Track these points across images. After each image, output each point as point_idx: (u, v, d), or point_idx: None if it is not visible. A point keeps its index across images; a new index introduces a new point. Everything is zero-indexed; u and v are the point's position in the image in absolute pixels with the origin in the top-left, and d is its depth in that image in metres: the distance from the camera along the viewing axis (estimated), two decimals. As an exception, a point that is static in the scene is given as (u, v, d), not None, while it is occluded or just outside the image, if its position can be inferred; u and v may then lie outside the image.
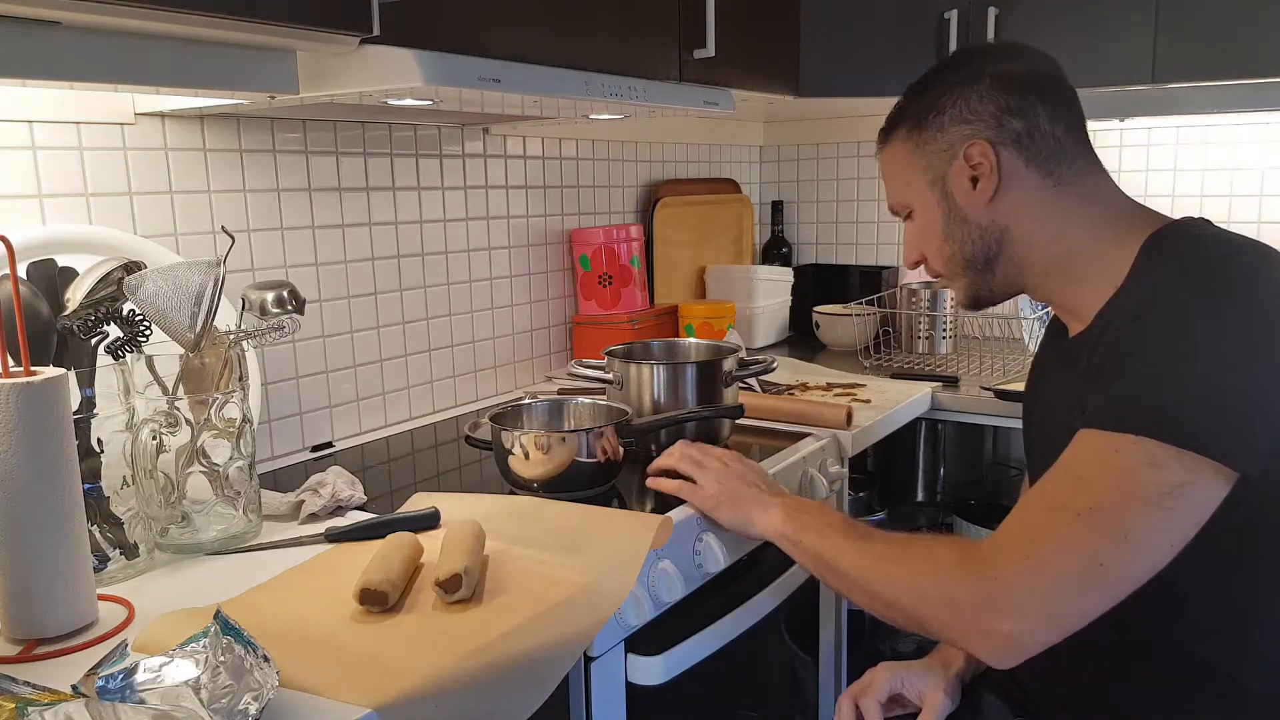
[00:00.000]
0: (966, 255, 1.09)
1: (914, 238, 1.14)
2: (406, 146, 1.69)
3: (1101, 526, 0.88)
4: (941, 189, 1.08)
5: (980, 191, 1.05)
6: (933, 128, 1.07)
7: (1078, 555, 0.89)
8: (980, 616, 0.92)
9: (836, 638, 1.68)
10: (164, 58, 1.02)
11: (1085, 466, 0.91)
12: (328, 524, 1.18)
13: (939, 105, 1.07)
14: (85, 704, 0.69)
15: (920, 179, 1.10)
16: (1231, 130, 2.25)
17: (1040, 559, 0.90)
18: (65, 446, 0.89)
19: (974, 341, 2.35)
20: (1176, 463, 0.86)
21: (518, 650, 0.89)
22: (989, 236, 1.07)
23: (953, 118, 1.06)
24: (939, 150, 1.07)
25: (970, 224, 1.07)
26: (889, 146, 1.14)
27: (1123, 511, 0.87)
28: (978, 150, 1.04)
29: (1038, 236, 1.05)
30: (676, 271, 2.34)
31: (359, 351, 1.65)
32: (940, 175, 1.07)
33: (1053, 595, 0.89)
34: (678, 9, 1.57)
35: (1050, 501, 0.92)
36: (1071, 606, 0.90)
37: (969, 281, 1.11)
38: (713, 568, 1.19)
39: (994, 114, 1.04)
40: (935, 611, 0.96)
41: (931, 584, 0.96)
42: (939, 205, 1.08)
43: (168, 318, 1.07)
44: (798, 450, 1.46)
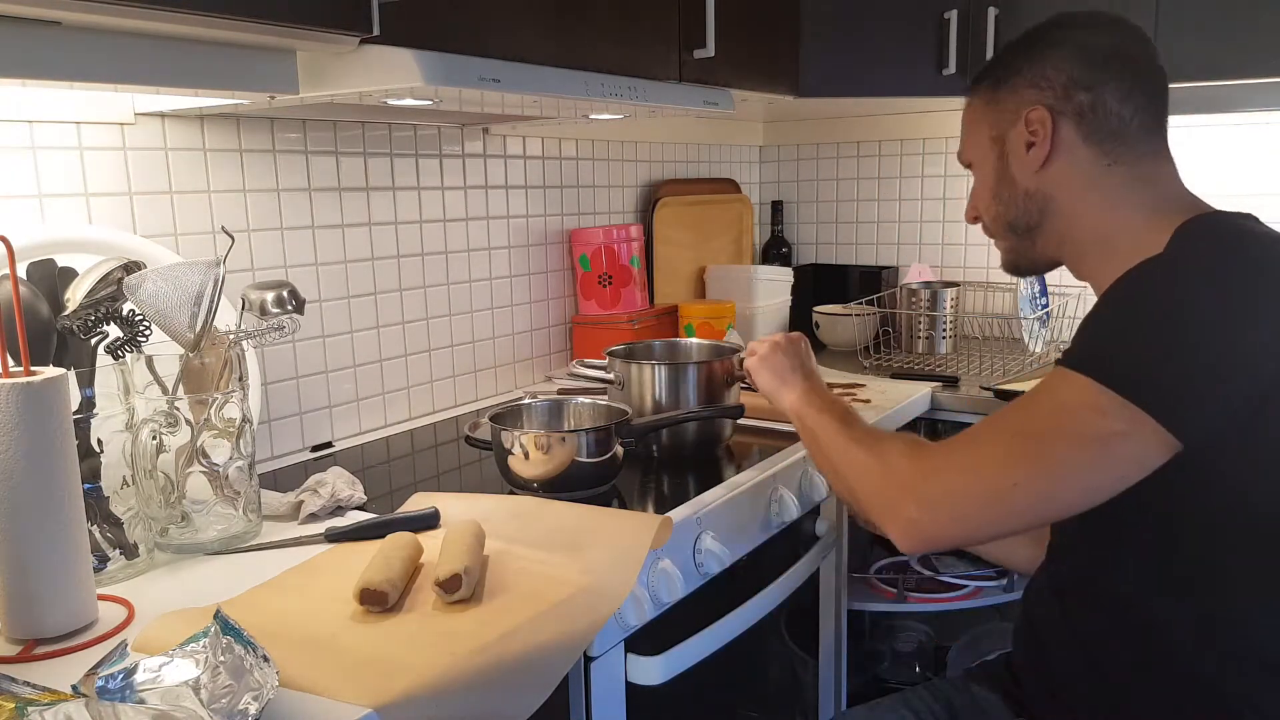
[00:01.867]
0: (1009, 218, 1.12)
1: (974, 194, 1.17)
2: (406, 146, 1.69)
3: (1027, 450, 0.93)
4: (1000, 148, 1.10)
5: (1031, 158, 1.07)
6: (1007, 87, 1.09)
7: (995, 468, 0.95)
8: (897, 498, 1.00)
9: (836, 638, 1.68)
10: (164, 58, 1.02)
11: (1038, 394, 0.96)
12: (328, 524, 1.18)
13: (1018, 66, 1.08)
14: (85, 704, 0.69)
15: (985, 135, 1.12)
16: (1231, 130, 2.25)
17: (963, 462, 0.98)
18: (65, 446, 0.89)
19: (974, 341, 2.35)
20: (1119, 412, 0.88)
21: (518, 650, 0.89)
22: (1032, 204, 1.09)
23: (1026, 80, 1.07)
24: (1007, 110, 1.09)
25: (1016, 188, 1.09)
26: (971, 97, 1.16)
27: (1051, 441, 0.92)
28: (1037, 116, 1.05)
29: (1081, 213, 1.06)
30: (676, 271, 2.34)
31: (359, 351, 1.65)
32: (1002, 134, 1.10)
33: (962, 497, 0.96)
34: (678, 9, 1.57)
35: (995, 421, 0.99)
36: (978, 514, 0.96)
37: (1010, 245, 1.15)
38: (713, 568, 1.19)
39: (1063, 84, 1.04)
40: (866, 487, 1.06)
41: (874, 464, 1.05)
42: (994, 164, 1.11)
43: (168, 318, 1.07)
44: (798, 450, 1.46)
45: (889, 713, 1.22)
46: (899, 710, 1.22)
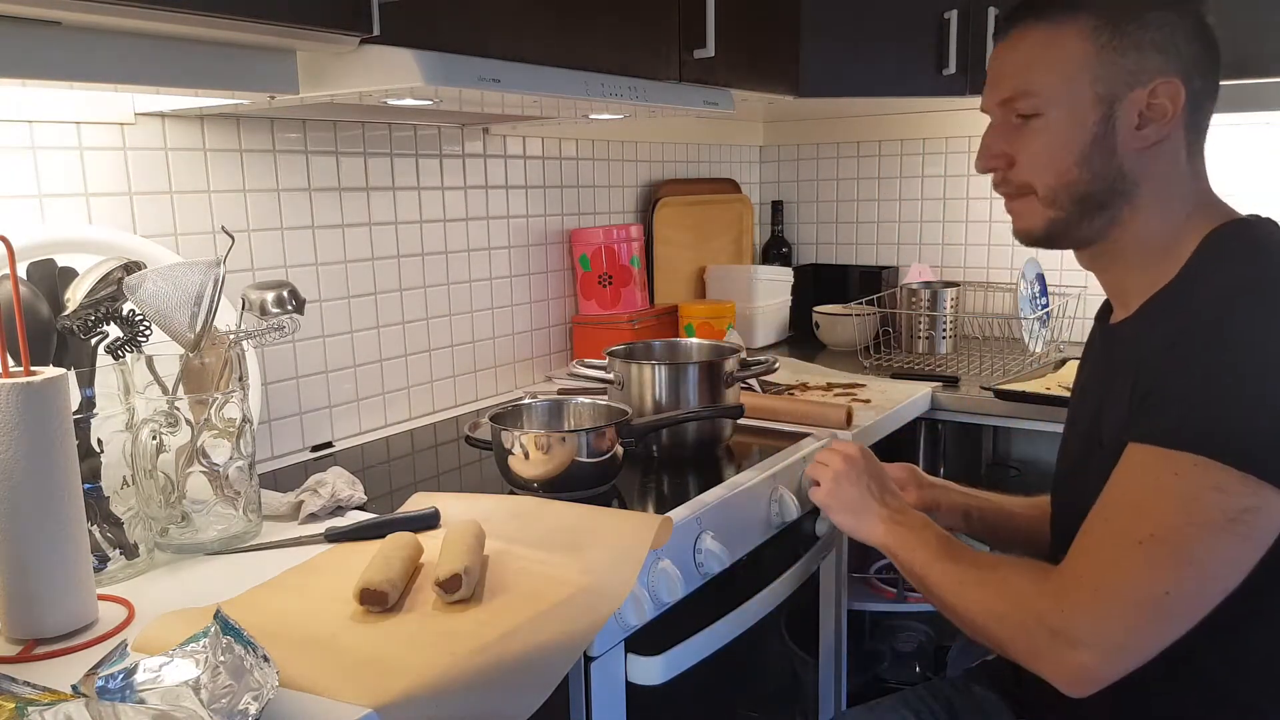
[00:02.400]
0: (1086, 190, 0.96)
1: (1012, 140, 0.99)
2: (406, 146, 1.69)
3: (1165, 555, 0.85)
4: (1108, 110, 0.93)
5: (1143, 135, 0.93)
6: (1129, 37, 0.92)
7: (1143, 585, 0.86)
8: (1054, 647, 0.90)
9: (836, 638, 1.68)
10: (164, 58, 1.02)
11: (1143, 490, 0.87)
12: (328, 524, 1.18)
13: (1144, 19, 0.92)
14: (85, 704, 0.69)
15: (1086, 87, 0.94)
16: (1231, 130, 2.24)
17: (1106, 590, 0.88)
18: (65, 446, 0.89)
19: (974, 341, 2.35)
20: (1240, 486, 0.82)
21: (518, 650, 0.89)
22: (1118, 184, 0.95)
23: (1155, 41, 0.91)
24: (1126, 67, 0.92)
25: (1113, 161, 0.94)
26: (1055, 30, 0.96)
27: (1186, 538, 0.84)
28: (1168, 91, 0.92)
29: (1153, 207, 0.96)
30: (676, 271, 2.34)
31: (359, 351, 1.65)
32: (1114, 95, 0.93)
33: (1122, 626, 0.87)
34: (678, 9, 1.57)
35: (1111, 529, 0.89)
36: (1142, 636, 0.87)
37: (1060, 218, 0.99)
38: (713, 568, 1.19)
39: (1192, 60, 0.92)
40: (1012, 637, 0.95)
41: (1009, 611, 0.95)
42: (1095, 126, 0.94)
43: (168, 318, 1.07)
44: (798, 450, 1.46)
45: (889, 713, 1.22)
46: (899, 710, 1.22)
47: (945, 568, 1.03)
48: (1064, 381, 1.89)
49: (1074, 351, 2.20)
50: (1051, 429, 1.79)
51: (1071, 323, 2.28)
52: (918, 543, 1.08)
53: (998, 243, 2.49)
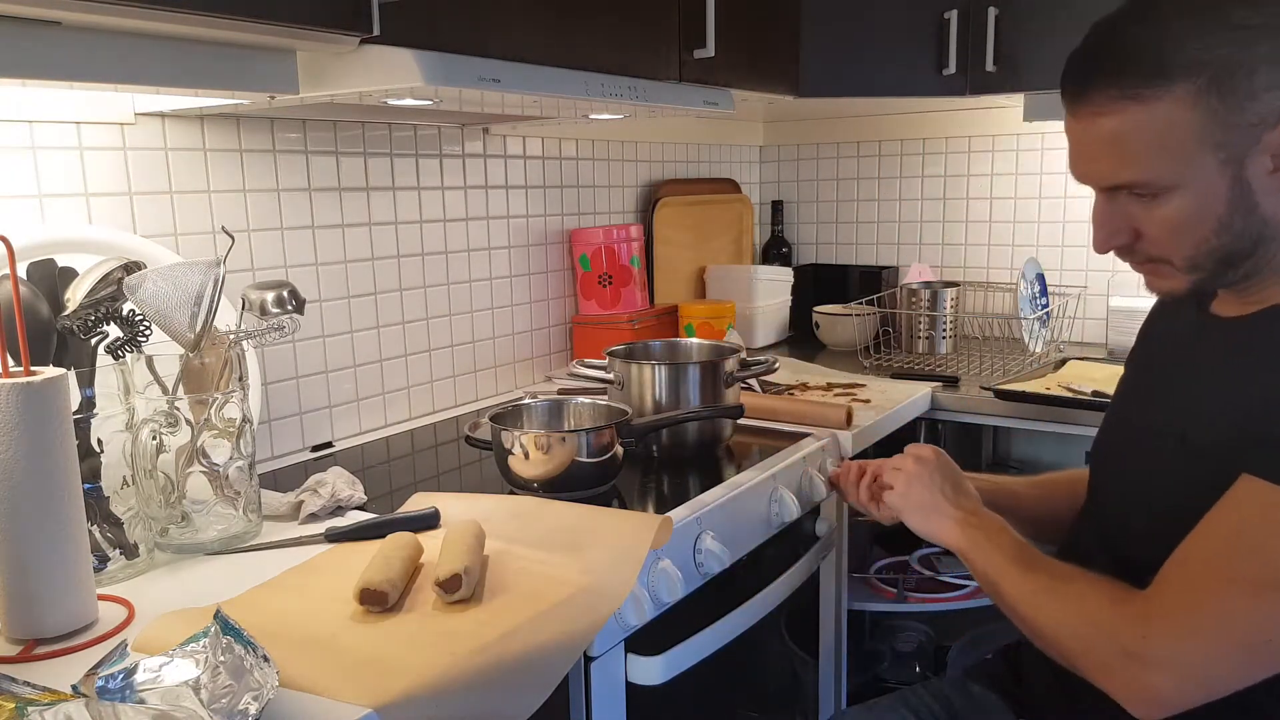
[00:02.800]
0: (1232, 249, 0.89)
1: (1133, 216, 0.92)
2: (406, 146, 1.69)
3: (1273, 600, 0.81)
4: (1237, 171, 0.85)
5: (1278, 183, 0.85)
6: (1240, 94, 0.82)
7: (1243, 628, 0.83)
8: (1129, 668, 0.88)
9: (836, 638, 1.68)
10: (164, 58, 1.02)
11: (1259, 530, 0.83)
12: (328, 524, 1.18)
13: (1250, 62, 0.81)
14: (85, 704, 0.69)
15: (1209, 157, 0.85)
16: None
17: (1206, 629, 0.84)
18: (65, 446, 0.89)
19: (974, 341, 2.35)
20: None
21: (518, 650, 0.89)
22: (1264, 230, 0.88)
23: (1268, 82, 0.81)
24: (1245, 124, 0.83)
25: (1256, 214, 0.86)
26: (1150, 106, 0.85)
27: None
28: None
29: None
30: (676, 271, 2.34)
31: (359, 351, 1.65)
32: (1240, 155, 0.84)
33: (1212, 663, 0.85)
34: (678, 9, 1.57)
35: (1218, 565, 0.85)
36: (1230, 676, 0.85)
37: (1207, 277, 0.93)
38: (713, 568, 1.19)
39: None
40: (1085, 653, 0.92)
41: (1083, 628, 0.93)
42: (1227, 190, 0.86)
43: (168, 318, 1.07)
44: (798, 450, 1.46)
45: (888, 712, 1.22)
46: (898, 710, 1.22)
47: (1019, 575, 1.00)
48: (1064, 381, 1.89)
49: (1074, 351, 2.21)
50: (1052, 429, 1.79)
51: (1071, 323, 2.28)
52: (992, 547, 1.05)
53: (998, 243, 2.49)
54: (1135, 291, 2.15)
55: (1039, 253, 2.39)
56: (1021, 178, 2.44)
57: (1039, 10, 1.99)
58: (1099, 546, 1.06)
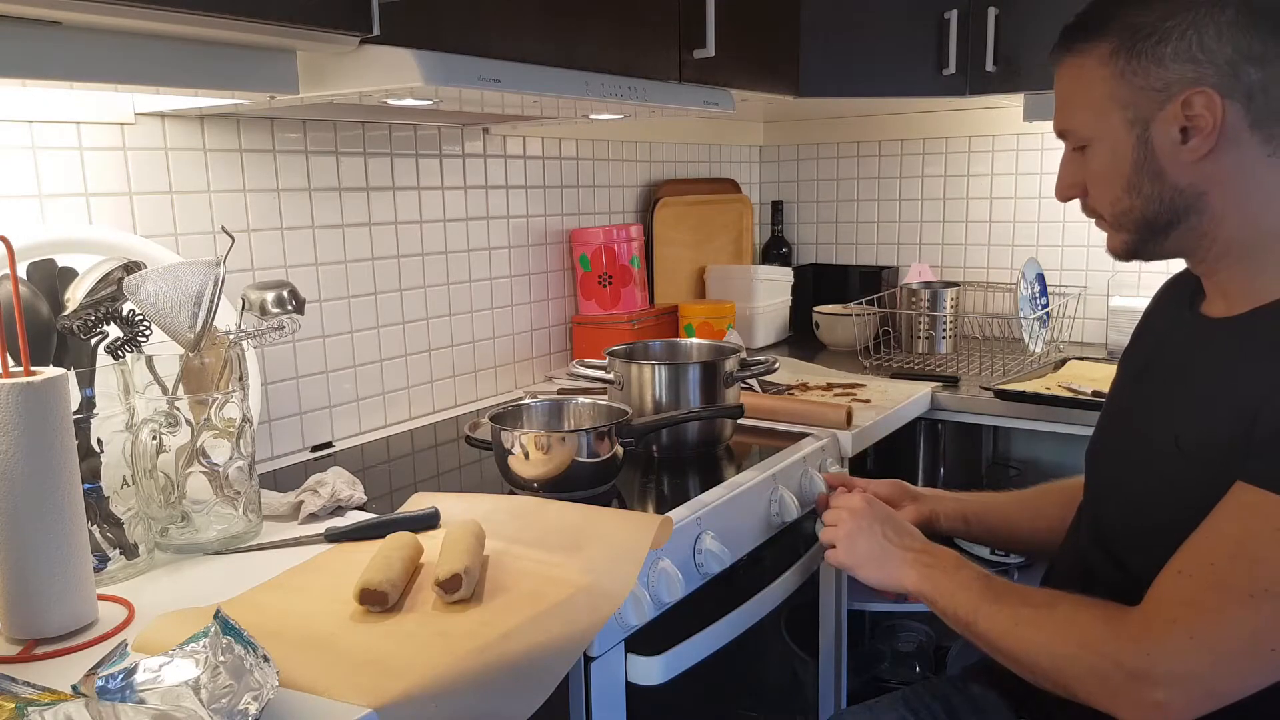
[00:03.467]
0: (1147, 214, 0.93)
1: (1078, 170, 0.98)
2: (406, 146, 1.69)
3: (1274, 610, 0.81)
4: (1142, 133, 0.90)
5: (1190, 149, 0.89)
6: (1148, 56, 0.88)
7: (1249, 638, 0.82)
8: (1132, 687, 0.86)
9: (836, 638, 1.68)
10: (164, 58, 1.02)
11: (1257, 539, 0.82)
12: (328, 524, 1.18)
13: (1162, 30, 0.87)
14: (85, 704, 0.69)
15: (1116, 115, 0.91)
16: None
17: (1206, 639, 0.83)
18: (65, 446, 0.89)
19: (974, 341, 2.35)
20: None
21: (518, 650, 0.89)
22: (1180, 200, 0.91)
23: (1177, 51, 0.87)
24: (1150, 88, 0.89)
25: (1165, 182, 0.91)
26: (1080, 61, 0.94)
27: None
28: (1202, 101, 0.87)
29: (1236, 212, 0.91)
30: (676, 271, 2.34)
31: (359, 351, 1.65)
32: (1144, 117, 0.90)
33: (1216, 674, 0.84)
34: (678, 9, 1.57)
35: (1217, 576, 0.84)
36: (1234, 684, 0.84)
37: (1135, 239, 0.96)
38: (713, 568, 1.19)
39: (1230, 58, 0.86)
40: (1080, 680, 0.90)
41: (1077, 653, 0.90)
42: (1131, 151, 0.91)
43: (168, 318, 1.07)
44: (798, 450, 1.46)
45: (888, 712, 1.22)
46: (898, 709, 1.22)
47: (993, 610, 0.97)
48: (1064, 381, 1.89)
49: (1074, 351, 2.21)
50: (1052, 429, 1.79)
51: (1071, 323, 2.28)
52: (956, 586, 1.03)
53: (998, 243, 2.49)
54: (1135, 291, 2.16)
55: (1039, 253, 2.39)
56: (1021, 178, 2.44)
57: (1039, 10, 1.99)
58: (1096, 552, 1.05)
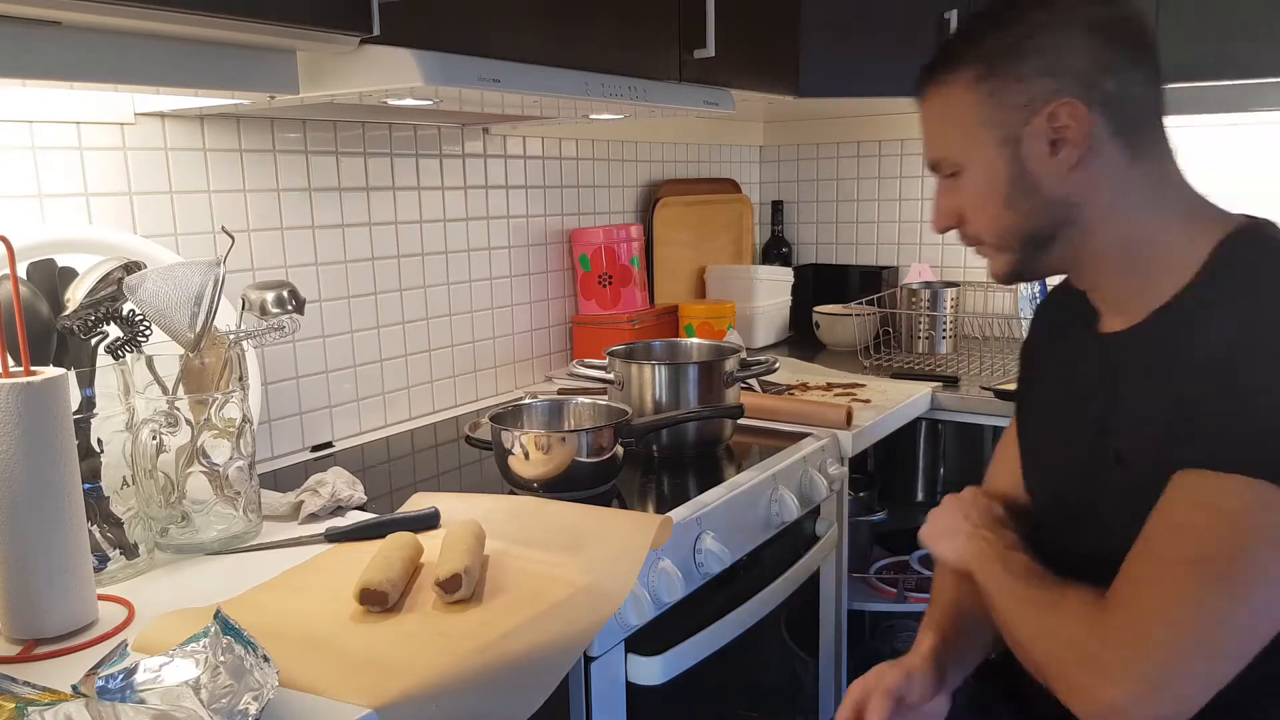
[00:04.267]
0: (1027, 230, 0.95)
1: (954, 198, 0.99)
2: (406, 146, 1.69)
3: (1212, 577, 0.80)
4: (1013, 150, 0.92)
5: (1060, 159, 0.91)
6: (1010, 75, 0.91)
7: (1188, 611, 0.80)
8: (1086, 679, 0.84)
9: (836, 638, 1.68)
10: (164, 58, 1.02)
11: (1189, 512, 0.83)
12: (328, 524, 1.18)
13: (1021, 49, 0.90)
14: (85, 704, 0.69)
15: (985, 135, 0.93)
16: (1231, 130, 2.25)
17: (1146, 617, 0.82)
18: (65, 446, 0.89)
19: (974, 341, 2.35)
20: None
21: (518, 650, 0.89)
22: (1057, 212, 0.93)
23: (1037, 67, 0.90)
24: (1015, 105, 0.91)
25: (1040, 195, 0.93)
26: (946, 90, 0.96)
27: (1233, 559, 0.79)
28: (1067, 111, 0.89)
29: (1110, 219, 0.93)
30: (676, 271, 2.34)
31: (359, 351, 1.65)
32: (1013, 134, 0.92)
33: (1161, 659, 0.80)
34: (678, 9, 1.57)
35: (1154, 552, 0.84)
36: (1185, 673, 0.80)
37: (1018, 258, 0.98)
38: (713, 568, 1.19)
39: (1087, 69, 0.89)
40: (1051, 664, 0.89)
41: (1052, 635, 0.90)
42: (1005, 169, 0.93)
43: (168, 318, 1.07)
44: (798, 450, 1.46)
45: (889, 712, 1.22)
46: (899, 710, 1.22)
47: (1012, 586, 0.96)
48: (1064, 381, 1.89)
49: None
50: (1051, 429, 1.79)
51: (1071, 323, 2.27)
52: (995, 558, 1.00)
53: (998, 243, 2.49)
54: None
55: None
56: (1021, 178, 2.44)
57: (1039, 10, 1.99)
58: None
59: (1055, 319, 1.11)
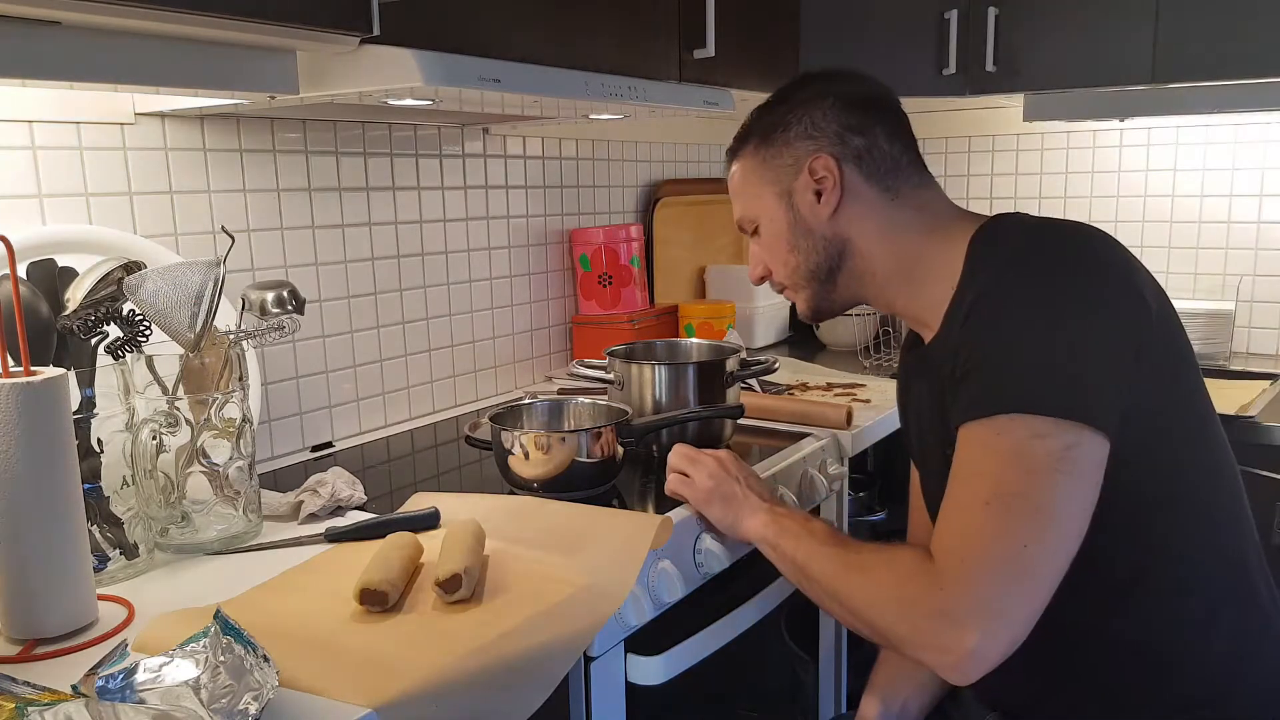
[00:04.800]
0: (810, 267, 1.12)
1: (761, 252, 1.17)
2: (406, 146, 1.69)
3: (1011, 508, 0.89)
4: (788, 202, 1.11)
5: (824, 204, 1.09)
6: (779, 143, 1.11)
7: (1001, 541, 0.88)
8: (937, 631, 0.89)
9: (836, 638, 1.68)
10: (164, 58, 1.02)
11: (975, 459, 0.92)
12: (328, 524, 1.18)
13: (785, 122, 1.11)
14: (85, 704, 0.69)
15: (768, 192, 1.13)
16: (1231, 130, 2.25)
17: (970, 556, 0.89)
18: (65, 446, 0.89)
19: (974, 341, 2.34)
20: (1055, 428, 0.88)
21: (518, 650, 0.89)
22: (831, 248, 1.10)
23: (798, 133, 1.10)
24: (785, 164, 1.11)
25: (814, 235, 1.11)
26: (738, 162, 1.17)
27: (1024, 488, 0.88)
28: (821, 164, 1.08)
29: (877, 247, 1.09)
30: (676, 271, 2.34)
31: (359, 351, 1.65)
32: (787, 189, 1.11)
33: (994, 593, 0.88)
34: (678, 9, 1.57)
35: (959, 500, 0.93)
36: (1014, 600, 0.88)
37: (812, 293, 1.15)
38: (713, 568, 1.19)
39: (836, 131, 1.08)
40: (893, 624, 0.94)
41: (889, 594, 0.94)
42: (785, 217, 1.12)
43: (168, 318, 1.07)
44: (798, 450, 1.46)
45: (888, 713, 1.22)
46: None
47: (830, 553, 1.02)
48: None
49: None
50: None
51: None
52: (802, 532, 1.07)
53: (998, 243, 2.49)
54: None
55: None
56: (1021, 178, 2.44)
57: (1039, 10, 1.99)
58: None
59: (904, 348, 1.23)
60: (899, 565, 0.95)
